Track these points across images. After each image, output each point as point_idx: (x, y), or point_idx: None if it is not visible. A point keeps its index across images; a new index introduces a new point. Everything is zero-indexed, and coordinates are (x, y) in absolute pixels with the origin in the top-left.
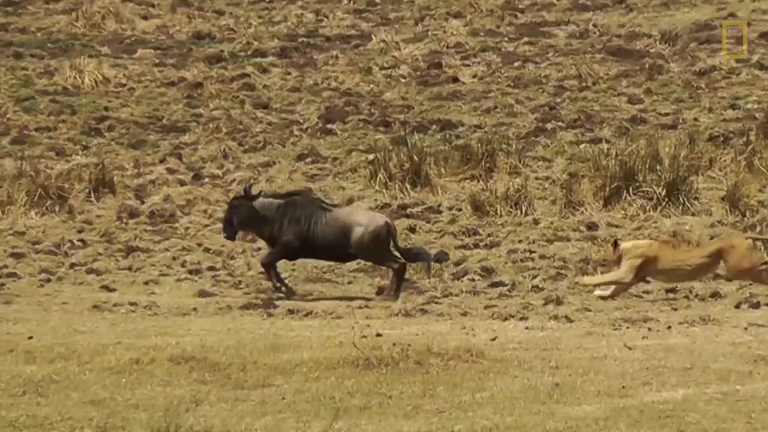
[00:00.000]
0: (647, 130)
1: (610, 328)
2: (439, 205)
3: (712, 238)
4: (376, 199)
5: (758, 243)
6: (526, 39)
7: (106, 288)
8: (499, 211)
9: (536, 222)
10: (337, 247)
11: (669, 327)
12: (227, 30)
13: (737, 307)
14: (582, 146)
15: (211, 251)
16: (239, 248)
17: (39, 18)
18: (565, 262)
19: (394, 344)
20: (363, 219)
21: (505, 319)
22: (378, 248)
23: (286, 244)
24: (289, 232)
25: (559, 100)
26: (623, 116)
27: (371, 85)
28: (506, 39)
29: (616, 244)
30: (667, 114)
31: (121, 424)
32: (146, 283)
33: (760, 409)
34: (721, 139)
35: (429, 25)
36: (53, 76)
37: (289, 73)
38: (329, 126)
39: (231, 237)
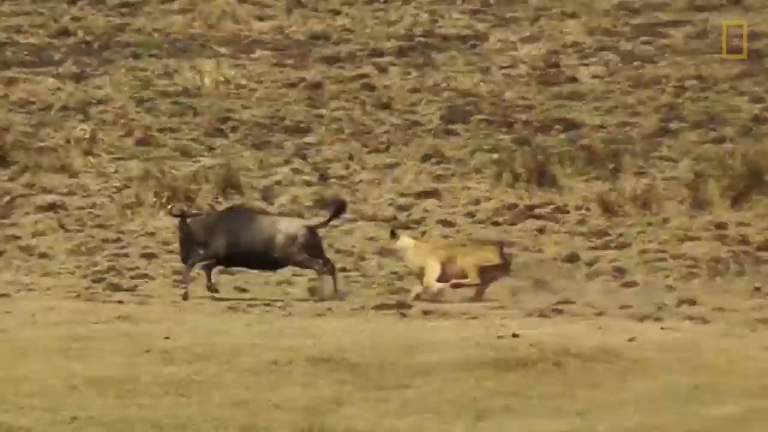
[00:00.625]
0: None
1: (746, 329)
2: (566, 206)
3: None
4: (502, 200)
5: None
6: (643, 38)
7: (240, 288)
8: (627, 212)
9: (665, 222)
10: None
11: None
12: (344, 30)
13: None
14: (706, 146)
15: (342, 252)
16: (370, 249)
17: (155, 18)
18: (696, 262)
19: (531, 345)
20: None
21: (641, 319)
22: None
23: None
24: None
25: (679, 100)
26: (746, 116)
27: (491, 85)
28: (623, 39)
29: (393, 234)
30: None
31: (264, 425)
32: (279, 283)
33: None
34: None
35: (544, 25)
36: (173, 77)
37: (409, 73)
38: (451, 126)
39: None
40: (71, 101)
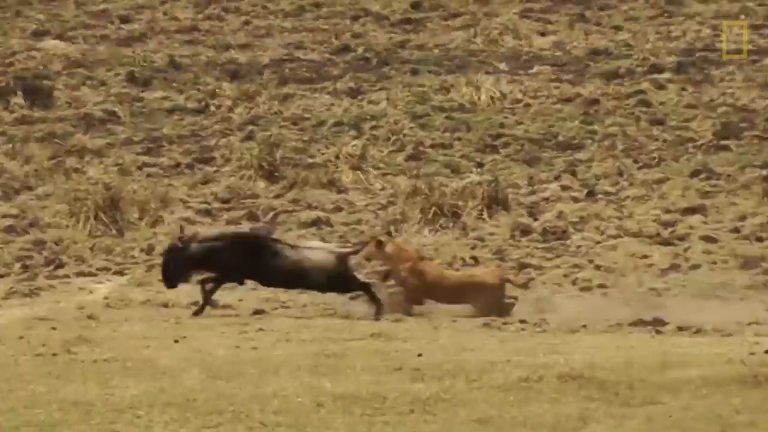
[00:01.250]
0: None
1: None
2: None
3: None
4: None
5: None
6: None
7: None
8: None
9: None
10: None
11: None
12: (624, 46)
13: None
14: None
15: (602, 268)
16: (631, 265)
17: (437, 35)
18: None
19: None
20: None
21: None
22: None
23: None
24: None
25: None
26: None
27: None
28: None
29: (380, 243)
30: None
31: None
32: (536, 300)
33: None
34: None
35: None
36: (449, 93)
37: (686, 90)
38: (723, 142)
39: None
40: (345, 117)
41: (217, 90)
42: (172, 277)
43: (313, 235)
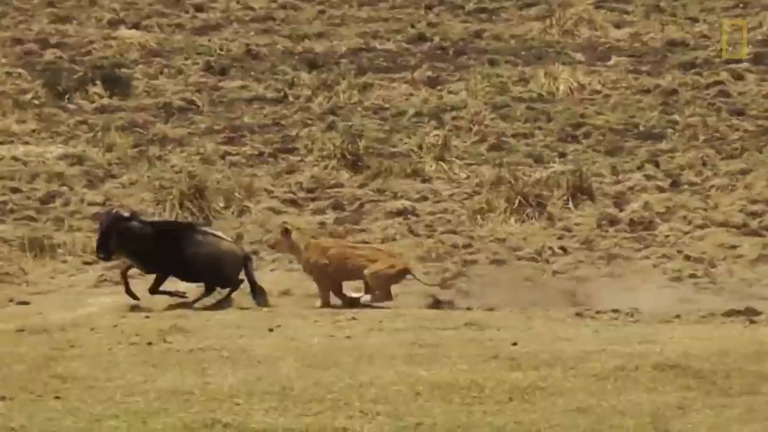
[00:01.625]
0: None
1: None
2: None
3: None
4: None
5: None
6: None
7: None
8: None
9: None
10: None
11: None
12: (701, 37)
13: None
14: None
15: (691, 259)
16: (720, 255)
17: (512, 25)
18: None
19: None
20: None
21: None
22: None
23: None
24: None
25: None
26: None
27: None
28: None
29: (287, 231)
30: None
31: (609, 431)
32: (627, 290)
33: None
34: None
35: None
36: (528, 83)
37: (765, 80)
38: None
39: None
40: (425, 107)
41: (295, 79)
42: (111, 249)
43: (399, 224)
